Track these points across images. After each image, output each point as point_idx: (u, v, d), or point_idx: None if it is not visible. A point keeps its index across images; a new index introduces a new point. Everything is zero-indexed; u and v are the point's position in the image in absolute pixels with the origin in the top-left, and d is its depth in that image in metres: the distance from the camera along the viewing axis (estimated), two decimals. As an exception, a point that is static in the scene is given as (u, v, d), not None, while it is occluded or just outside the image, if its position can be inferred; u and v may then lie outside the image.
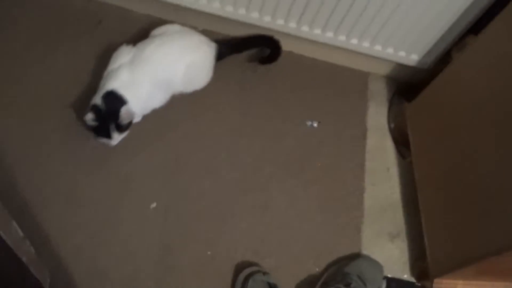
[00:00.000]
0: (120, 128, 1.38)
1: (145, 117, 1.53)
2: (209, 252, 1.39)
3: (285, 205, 1.50)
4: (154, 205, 1.42)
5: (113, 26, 1.69)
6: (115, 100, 1.37)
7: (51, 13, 1.68)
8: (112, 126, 1.36)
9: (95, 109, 1.37)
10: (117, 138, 1.39)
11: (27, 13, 1.66)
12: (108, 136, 1.37)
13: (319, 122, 1.66)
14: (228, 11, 1.61)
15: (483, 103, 1.28)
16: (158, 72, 1.44)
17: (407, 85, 1.78)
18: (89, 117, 1.34)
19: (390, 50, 1.64)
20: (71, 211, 1.37)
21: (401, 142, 1.67)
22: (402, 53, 1.64)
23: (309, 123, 1.66)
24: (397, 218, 1.55)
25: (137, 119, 1.53)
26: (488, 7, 1.41)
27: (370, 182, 1.60)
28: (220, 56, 1.60)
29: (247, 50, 1.71)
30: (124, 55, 1.45)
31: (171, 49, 1.47)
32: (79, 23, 1.68)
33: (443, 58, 1.61)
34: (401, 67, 1.73)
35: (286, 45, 1.73)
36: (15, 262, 0.95)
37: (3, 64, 1.55)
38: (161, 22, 1.61)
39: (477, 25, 1.44)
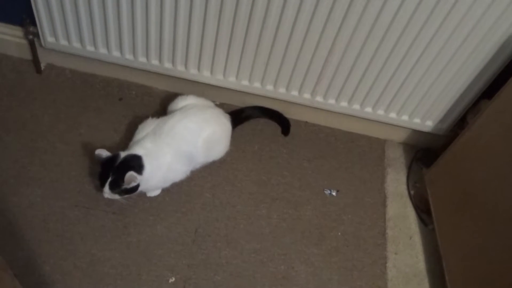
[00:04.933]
0: (119, 189, 1.37)
1: (164, 190, 1.55)
2: (229, 327, 1.35)
3: (306, 276, 1.46)
4: (172, 279, 1.40)
5: (133, 102, 1.76)
6: (133, 163, 1.39)
7: (74, 91, 1.75)
8: (110, 180, 1.36)
9: (113, 157, 1.39)
10: (108, 193, 1.38)
11: (52, 91, 1.73)
12: (102, 185, 1.37)
13: (337, 191, 1.66)
14: (244, 85, 1.66)
15: (504, 167, 1.26)
16: (180, 145, 1.48)
17: (425, 151, 1.78)
18: (101, 152, 1.38)
19: (405, 117, 1.66)
20: (89, 286, 1.35)
21: (422, 209, 1.64)
22: (417, 120, 1.66)
23: (327, 191, 1.65)
24: (423, 289, 1.50)
25: (156, 192, 1.54)
26: (499, 72, 1.44)
27: (393, 251, 1.56)
28: (233, 126, 1.66)
29: (255, 119, 1.78)
30: (148, 127, 1.51)
31: (192, 122, 1.51)
32: (100, 100, 1.74)
33: (459, 124, 1.62)
34: (417, 133, 1.74)
35: (301, 115, 1.78)
36: None
37: (29, 138, 1.60)
38: (180, 97, 1.67)
39: (490, 90, 1.46)
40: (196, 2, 1.42)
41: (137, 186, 1.39)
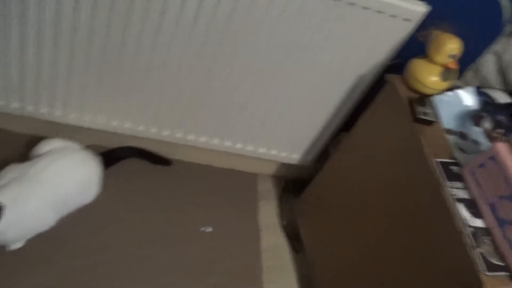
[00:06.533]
0: None
1: (31, 240, 1.42)
2: None
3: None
4: None
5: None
6: None
7: None
8: None
9: None
10: None
11: None
12: None
13: (213, 227, 1.68)
14: (114, 125, 1.62)
15: (359, 194, 1.40)
16: (47, 191, 1.38)
17: (294, 182, 1.89)
18: None
19: (273, 152, 1.76)
20: None
21: (295, 237, 1.73)
22: (284, 154, 1.77)
23: (202, 228, 1.67)
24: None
25: (18, 245, 1.42)
26: (354, 108, 1.60)
27: (270, 280, 1.62)
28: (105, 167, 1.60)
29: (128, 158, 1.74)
30: (11, 173, 1.38)
31: (59, 167, 1.44)
32: None
33: (323, 155, 1.76)
34: (286, 165, 1.85)
35: (174, 154, 1.78)
36: None
37: None
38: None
39: (349, 123, 1.60)
40: (60, 40, 1.37)
41: None
